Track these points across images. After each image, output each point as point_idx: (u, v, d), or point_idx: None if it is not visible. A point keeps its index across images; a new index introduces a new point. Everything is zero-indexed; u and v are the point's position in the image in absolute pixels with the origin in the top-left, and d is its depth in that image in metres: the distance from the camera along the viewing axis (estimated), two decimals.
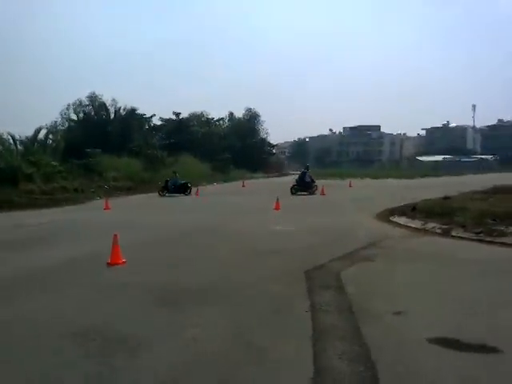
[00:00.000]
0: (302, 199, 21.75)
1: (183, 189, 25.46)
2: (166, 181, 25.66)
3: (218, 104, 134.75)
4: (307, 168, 26.14)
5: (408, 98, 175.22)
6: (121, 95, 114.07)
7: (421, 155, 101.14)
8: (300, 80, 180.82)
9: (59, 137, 42.26)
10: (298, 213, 15.92)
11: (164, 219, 14.40)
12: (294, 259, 8.04)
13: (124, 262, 7.75)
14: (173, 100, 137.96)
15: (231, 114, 69.80)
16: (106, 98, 49.73)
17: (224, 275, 6.97)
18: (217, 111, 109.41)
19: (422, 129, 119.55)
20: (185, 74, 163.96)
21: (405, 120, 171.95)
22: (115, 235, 7.89)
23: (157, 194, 25.18)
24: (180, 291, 6.08)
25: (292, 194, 24.44)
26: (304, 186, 24.97)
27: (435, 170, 63.91)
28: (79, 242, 10.34)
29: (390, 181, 41.45)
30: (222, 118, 67.99)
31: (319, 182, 25.97)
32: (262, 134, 71.77)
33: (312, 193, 24.61)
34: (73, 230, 12.34)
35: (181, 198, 23.87)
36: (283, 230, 11.64)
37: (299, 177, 25.59)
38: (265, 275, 6.90)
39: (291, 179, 30.36)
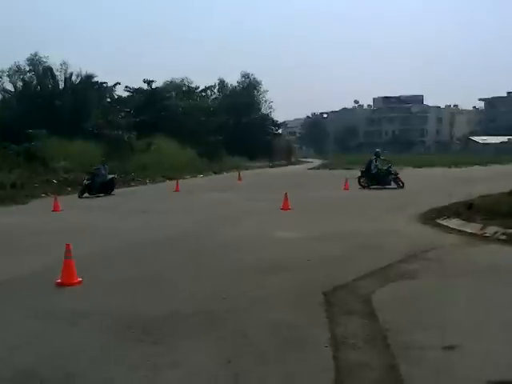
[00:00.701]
0: (317, 196, 21.76)
1: (108, 186, 24.00)
2: (93, 174, 23.71)
3: (205, 70, 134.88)
4: (377, 154, 26.53)
5: (459, 59, 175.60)
6: (73, 58, 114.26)
7: (478, 135, 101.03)
8: (313, 38, 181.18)
9: None
10: (313, 213, 15.94)
11: (132, 224, 14.41)
12: (308, 277, 8.06)
13: (79, 282, 7.76)
14: (143, 65, 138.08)
15: (222, 81, 69.82)
16: (53, 62, 49.42)
17: (211, 299, 6.98)
18: (203, 79, 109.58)
19: (480, 99, 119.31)
20: (158, 30, 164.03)
21: (456, 88, 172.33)
22: (67, 246, 7.90)
23: (122, 189, 25.17)
24: (152, 320, 6.10)
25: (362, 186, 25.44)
26: (372, 177, 25.68)
27: (497, 154, 63.92)
28: (20, 255, 10.32)
29: (437, 170, 41.49)
30: (210, 87, 67.97)
31: (340, 172, 25.78)
32: (264, 109, 71.97)
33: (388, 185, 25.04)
34: (11, 240, 12.34)
35: (153, 196, 23.88)
36: (293, 238, 11.65)
37: (366, 166, 26.26)
38: (268, 298, 6.92)
39: (304, 168, 30.41)
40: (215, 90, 69.59)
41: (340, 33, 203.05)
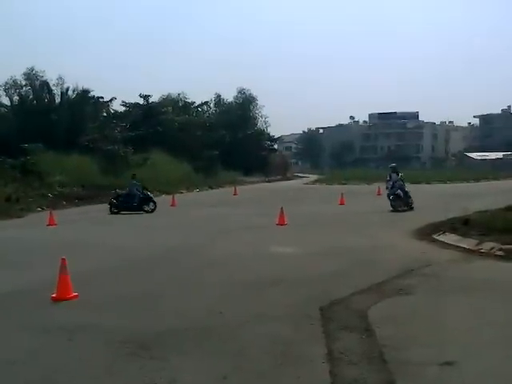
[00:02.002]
0: (313, 211, 21.77)
1: (144, 202, 22.63)
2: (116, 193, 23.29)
3: (201, 85, 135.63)
4: (395, 170, 22.54)
5: (455, 76, 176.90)
6: (70, 73, 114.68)
7: (473, 151, 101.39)
8: (309, 54, 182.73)
9: None
10: (309, 229, 15.96)
11: (129, 239, 14.39)
12: (304, 292, 8.05)
13: (75, 297, 7.74)
14: (140, 80, 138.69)
15: (218, 96, 70.10)
16: (50, 77, 49.57)
17: (207, 314, 6.97)
18: (200, 94, 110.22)
19: (475, 116, 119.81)
20: (155, 46, 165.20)
21: (451, 105, 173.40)
22: (63, 260, 7.88)
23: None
24: (148, 336, 6.07)
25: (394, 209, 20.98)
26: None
27: (493, 170, 64.18)
28: (14, 269, 10.30)
29: (433, 185, 41.63)
30: (207, 103, 68.24)
31: (336, 188, 25.89)
32: (260, 124, 72.19)
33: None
34: (5, 254, 12.29)
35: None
36: (289, 253, 11.68)
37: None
38: (264, 313, 6.91)
39: (300, 183, 30.54)
40: (211, 105, 69.93)
41: (336, 49, 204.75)
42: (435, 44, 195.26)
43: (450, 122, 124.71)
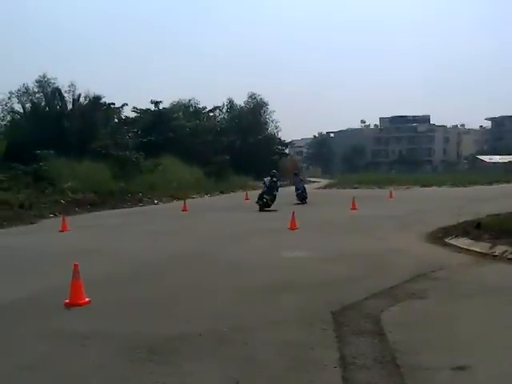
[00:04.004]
0: (325, 215, 21.74)
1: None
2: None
3: (212, 90, 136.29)
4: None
5: (466, 79, 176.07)
6: (81, 79, 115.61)
7: (485, 154, 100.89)
8: (320, 58, 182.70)
9: None
10: (321, 233, 15.93)
11: (141, 244, 14.43)
12: (316, 296, 8.05)
13: (87, 302, 7.78)
14: (151, 85, 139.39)
15: (230, 102, 70.26)
16: (62, 83, 49.87)
17: (220, 320, 6.96)
18: (210, 99, 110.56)
19: (487, 119, 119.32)
20: (168, 51, 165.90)
21: (463, 107, 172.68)
22: (75, 266, 7.92)
23: (130, 208, 25.18)
24: (160, 341, 6.10)
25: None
26: None
27: (505, 173, 63.74)
28: (27, 275, 10.39)
29: (445, 189, 41.41)
30: (218, 107, 68.43)
31: (347, 192, 25.78)
32: (271, 129, 72.27)
33: None
34: (19, 260, 12.39)
35: (162, 216, 23.92)
36: (301, 257, 11.66)
37: None
38: (276, 318, 6.91)
39: (311, 187, 30.45)
40: (223, 110, 70.09)
41: (347, 54, 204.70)
42: (447, 48, 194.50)
43: (461, 125, 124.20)
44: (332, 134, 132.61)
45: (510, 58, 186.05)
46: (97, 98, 49.54)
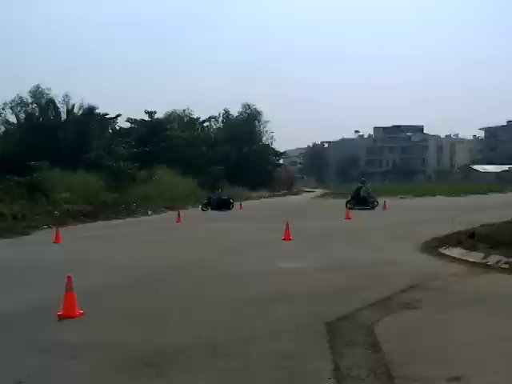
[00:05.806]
0: (319, 225, 21.76)
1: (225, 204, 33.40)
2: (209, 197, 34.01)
3: (205, 100, 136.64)
4: (363, 183, 33.14)
5: (460, 89, 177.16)
6: (75, 90, 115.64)
7: (479, 164, 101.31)
8: (313, 68, 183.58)
9: None
10: (315, 244, 15.94)
11: (135, 256, 14.38)
12: (310, 307, 8.03)
13: (80, 314, 7.73)
14: (145, 96, 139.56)
15: (226, 112, 70.36)
16: (56, 94, 49.94)
17: (214, 330, 6.96)
18: (204, 109, 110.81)
19: (480, 129, 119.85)
20: (163, 60, 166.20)
21: (456, 117, 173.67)
22: (69, 278, 7.89)
23: (124, 219, 25.17)
24: (154, 352, 6.06)
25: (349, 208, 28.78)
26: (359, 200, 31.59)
27: (499, 183, 64.03)
28: (21, 287, 10.30)
29: (438, 199, 41.53)
30: (214, 117, 68.58)
31: (342, 202, 25.94)
32: (265, 139, 72.41)
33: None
34: (11, 272, 12.31)
35: (156, 227, 23.88)
36: (294, 268, 11.65)
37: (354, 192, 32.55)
38: (270, 329, 6.89)
39: (306, 198, 31.06)
40: (219, 120, 70.20)
41: (341, 64, 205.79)
42: (440, 58, 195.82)
43: (455, 134, 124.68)
44: (326, 144, 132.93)
45: (503, 69, 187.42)
46: (91, 109, 49.66)
